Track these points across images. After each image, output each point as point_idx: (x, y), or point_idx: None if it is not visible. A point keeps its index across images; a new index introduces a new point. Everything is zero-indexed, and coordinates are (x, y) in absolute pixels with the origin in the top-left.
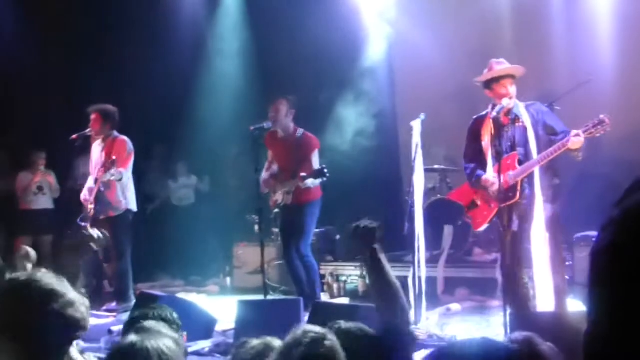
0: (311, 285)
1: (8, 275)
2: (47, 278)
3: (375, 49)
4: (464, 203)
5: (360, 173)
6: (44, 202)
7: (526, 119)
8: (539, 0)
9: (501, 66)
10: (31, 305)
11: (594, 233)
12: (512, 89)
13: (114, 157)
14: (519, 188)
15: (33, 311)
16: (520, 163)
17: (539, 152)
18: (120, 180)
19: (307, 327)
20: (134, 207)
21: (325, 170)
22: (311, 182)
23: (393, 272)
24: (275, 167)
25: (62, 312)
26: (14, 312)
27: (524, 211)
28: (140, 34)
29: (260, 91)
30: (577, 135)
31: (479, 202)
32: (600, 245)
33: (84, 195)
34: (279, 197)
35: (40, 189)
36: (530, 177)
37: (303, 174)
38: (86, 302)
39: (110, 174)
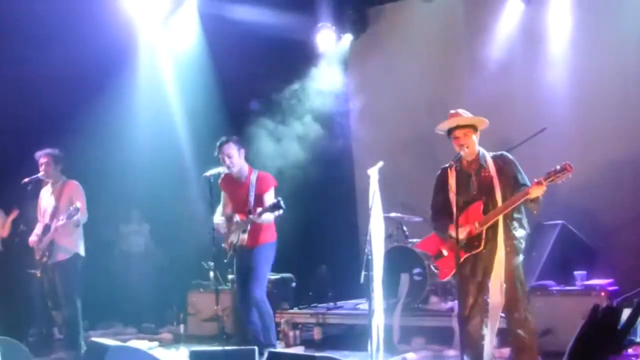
0: (266, 333)
1: None
2: None
3: (332, 95)
4: (431, 253)
5: (317, 220)
6: None
7: (491, 169)
8: (497, 48)
9: (450, 119)
10: None
11: (550, 282)
12: (468, 139)
13: (77, 204)
14: (483, 237)
15: None
16: (485, 212)
17: (504, 201)
18: (78, 226)
19: None
20: (82, 251)
21: (281, 203)
22: (266, 217)
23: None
24: (228, 210)
25: None
26: None
27: (487, 261)
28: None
29: (218, 134)
30: (539, 183)
31: (445, 252)
32: None
33: (34, 242)
34: (233, 237)
35: None
36: (494, 226)
37: (259, 209)
38: None
39: (71, 222)
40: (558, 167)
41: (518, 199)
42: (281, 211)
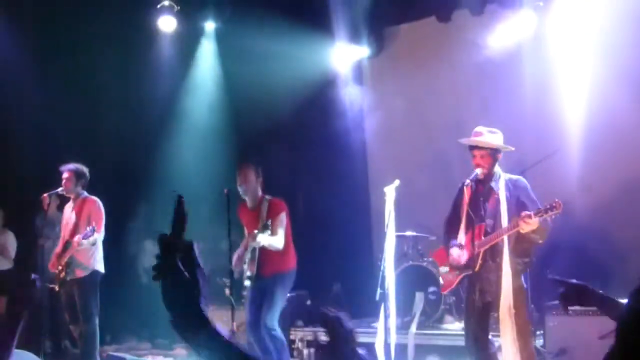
0: (279, 356)
1: None
2: None
3: (348, 115)
4: (439, 264)
5: (332, 237)
6: None
7: (502, 192)
8: (512, 68)
9: (471, 138)
10: None
11: None
12: (484, 161)
13: (93, 224)
14: (479, 259)
15: None
16: (487, 234)
17: None
18: (94, 244)
19: None
20: (101, 268)
21: (268, 223)
22: (267, 241)
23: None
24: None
25: None
26: None
27: (486, 282)
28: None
29: (235, 151)
30: (528, 217)
31: (448, 268)
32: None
33: (53, 262)
34: (244, 268)
35: None
36: (494, 249)
37: (255, 231)
38: None
39: (87, 242)
40: (548, 204)
41: (508, 229)
42: (268, 230)
